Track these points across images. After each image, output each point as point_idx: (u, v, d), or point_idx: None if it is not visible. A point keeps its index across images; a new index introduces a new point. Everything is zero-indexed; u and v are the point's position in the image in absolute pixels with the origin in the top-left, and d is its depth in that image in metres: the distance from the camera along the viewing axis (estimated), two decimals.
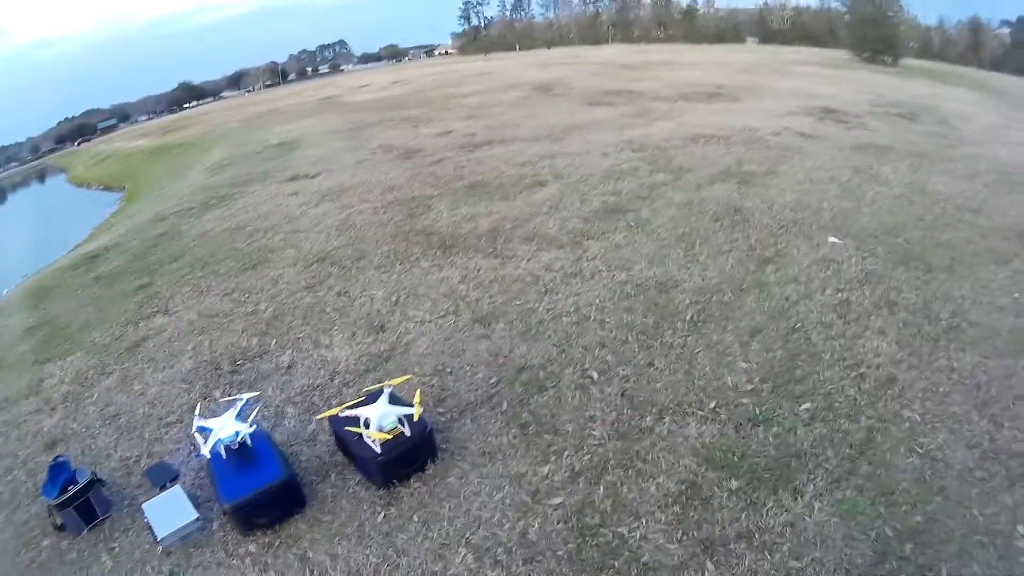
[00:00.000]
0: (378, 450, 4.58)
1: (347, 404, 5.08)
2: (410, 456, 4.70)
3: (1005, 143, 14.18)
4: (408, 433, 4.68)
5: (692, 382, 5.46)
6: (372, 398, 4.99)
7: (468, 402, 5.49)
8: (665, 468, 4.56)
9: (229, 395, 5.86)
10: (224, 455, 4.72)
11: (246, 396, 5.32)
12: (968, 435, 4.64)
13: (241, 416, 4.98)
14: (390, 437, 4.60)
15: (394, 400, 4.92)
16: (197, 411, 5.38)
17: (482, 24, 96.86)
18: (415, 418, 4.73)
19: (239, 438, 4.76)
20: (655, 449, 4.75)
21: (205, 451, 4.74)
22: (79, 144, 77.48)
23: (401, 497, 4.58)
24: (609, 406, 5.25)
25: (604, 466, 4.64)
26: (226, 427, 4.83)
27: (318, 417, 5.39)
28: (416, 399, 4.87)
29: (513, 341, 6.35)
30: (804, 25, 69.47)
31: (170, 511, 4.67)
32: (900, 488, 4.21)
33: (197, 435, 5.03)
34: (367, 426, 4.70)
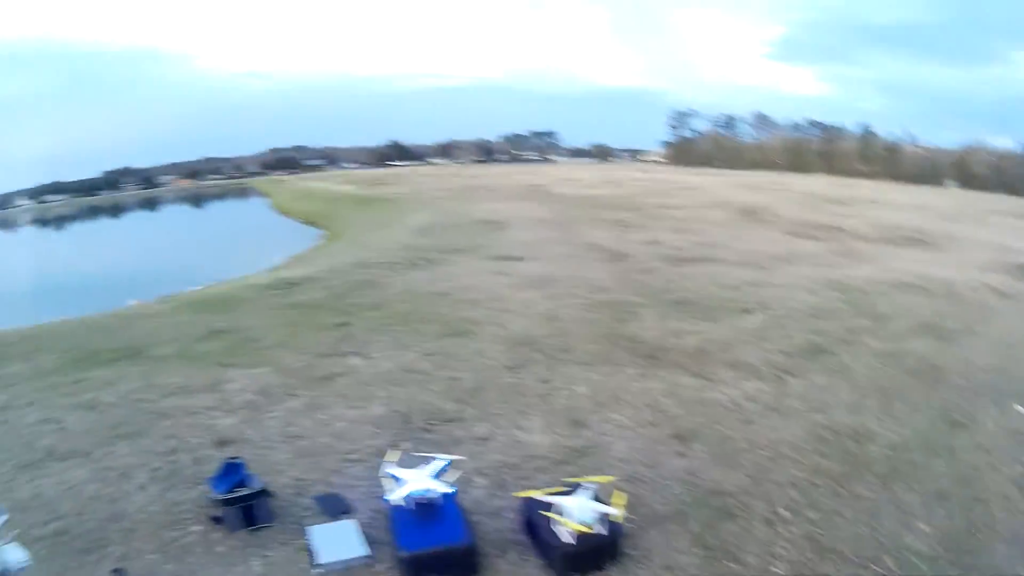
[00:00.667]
0: (572, 540, 4.70)
1: (548, 490, 5.24)
2: (597, 553, 4.81)
3: None
4: (602, 531, 4.80)
5: (874, 536, 5.35)
6: (571, 490, 5.13)
7: (658, 514, 5.55)
8: None
9: (418, 451, 6.03)
10: (409, 505, 4.96)
11: (449, 458, 5.54)
12: None
13: (439, 476, 5.22)
14: (586, 531, 4.73)
15: (597, 498, 5.04)
16: (390, 457, 5.65)
17: (691, 136, 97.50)
18: (617, 520, 4.86)
19: (429, 495, 5.00)
20: None
21: (394, 498, 4.99)
22: (283, 175, 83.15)
23: None
24: (793, 546, 5.21)
25: None
26: (420, 482, 5.08)
27: (517, 495, 5.52)
28: (620, 502, 5.03)
29: (709, 464, 6.38)
30: (1005, 172, 65.74)
31: (338, 540, 4.94)
32: None
33: (386, 480, 5.29)
34: (564, 515, 4.84)
